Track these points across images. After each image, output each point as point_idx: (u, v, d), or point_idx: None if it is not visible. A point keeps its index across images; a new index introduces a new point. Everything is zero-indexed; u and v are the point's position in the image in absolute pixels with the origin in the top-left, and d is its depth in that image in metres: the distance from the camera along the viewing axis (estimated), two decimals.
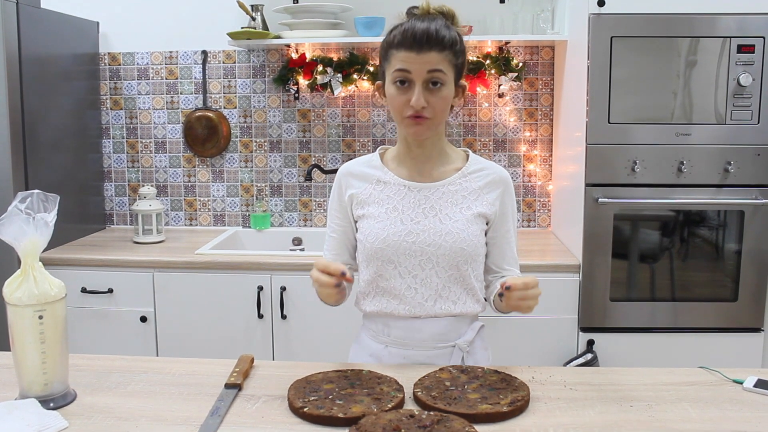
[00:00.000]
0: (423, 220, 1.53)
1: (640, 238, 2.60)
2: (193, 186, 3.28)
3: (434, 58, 1.44)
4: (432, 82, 1.45)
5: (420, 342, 1.56)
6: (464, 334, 1.58)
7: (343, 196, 1.62)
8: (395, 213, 1.54)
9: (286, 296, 2.64)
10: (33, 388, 1.28)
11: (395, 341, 1.57)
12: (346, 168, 1.64)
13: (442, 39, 1.44)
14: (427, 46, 1.43)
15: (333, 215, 1.65)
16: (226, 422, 1.24)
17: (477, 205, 1.55)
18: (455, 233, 1.51)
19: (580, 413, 1.27)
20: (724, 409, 1.29)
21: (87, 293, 2.68)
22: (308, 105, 3.18)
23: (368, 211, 1.57)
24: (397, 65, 1.46)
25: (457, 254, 1.52)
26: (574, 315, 2.58)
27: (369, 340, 1.63)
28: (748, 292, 2.55)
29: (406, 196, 1.56)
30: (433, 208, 1.54)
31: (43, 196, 1.27)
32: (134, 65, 3.21)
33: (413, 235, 1.52)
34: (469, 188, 1.56)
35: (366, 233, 1.56)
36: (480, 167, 1.60)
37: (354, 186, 1.60)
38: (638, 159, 2.48)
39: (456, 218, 1.53)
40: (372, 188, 1.59)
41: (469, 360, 1.58)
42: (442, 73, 1.45)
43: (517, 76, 3.02)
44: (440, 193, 1.56)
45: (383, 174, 1.59)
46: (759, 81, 2.44)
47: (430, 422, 1.17)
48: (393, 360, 1.57)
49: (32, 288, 1.26)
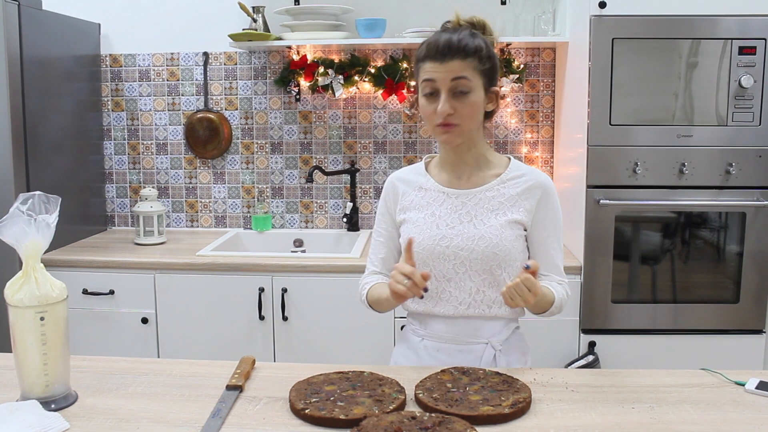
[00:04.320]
0: (458, 225, 1.57)
1: (642, 239, 2.59)
2: (195, 187, 3.28)
3: (457, 66, 1.48)
4: (458, 89, 1.49)
5: (454, 336, 1.60)
6: (498, 333, 1.61)
7: (388, 202, 1.69)
8: (432, 218, 1.60)
9: (288, 298, 2.64)
10: (34, 389, 1.28)
11: (430, 335, 1.62)
12: (395, 175, 1.71)
13: (465, 47, 1.48)
14: (450, 55, 1.48)
15: (380, 220, 1.71)
16: (227, 424, 1.24)
17: (513, 212, 1.57)
18: (488, 238, 1.54)
19: (582, 415, 1.27)
20: (726, 410, 1.29)
21: (88, 295, 2.68)
22: (309, 107, 3.19)
23: (409, 216, 1.63)
24: (424, 76, 1.52)
25: (490, 258, 1.54)
26: (576, 317, 2.58)
27: (409, 335, 1.69)
28: (750, 293, 2.54)
29: (444, 202, 1.61)
30: (468, 214, 1.58)
31: (45, 197, 1.27)
32: (135, 67, 3.22)
33: (447, 239, 1.57)
34: (507, 194, 1.59)
35: (404, 237, 1.61)
36: (520, 173, 1.61)
37: (399, 192, 1.67)
38: (639, 160, 2.48)
39: (490, 223, 1.56)
40: (414, 194, 1.65)
41: (501, 359, 1.60)
42: (466, 80, 1.49)
43: (519, 77, 3.02)
44: (477, 199, 1.59)
45: (425, 181, 1.65)
46: (760, 83, 2.44)
47: (432, 424, 1.17)
48: (427, 353, 1.63)
49: (34, 289, 1.26)
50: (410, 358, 1.66)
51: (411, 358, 1.66)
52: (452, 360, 1.58)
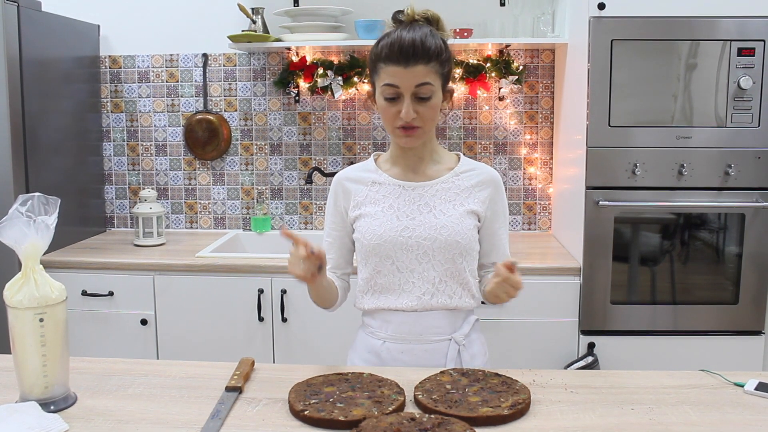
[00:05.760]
0: (418, 216, 1.58)
1: (641, 241, 2.60)
2: (194, 189, 3.28)
3: (421, 71, 1.47)
4: (421, 95, 1.48)
5: (417, 336, 1.59)
6: (460, 328, 1.62)
7: (338, 201, 1.67)
8: (391, 210, 1.59)
9: (287, 299, 2.64)
10: (33, 390, 1.28)
11: (393, 336, 1.60)
12: (342, 174, 1.68)
13: (428, 50, 1.47)
14: (414, 60, 1.46)
15: (329, 220, 1.70)
16: (226, 425, 1.24)
17: (469, 203, 1.60)
18: (450, 227, 1.56)
19: (581, 416, 1.27)
20: (725, 412, 1.29)
21: (87, 296, 2.68)
22: (309, 108, 3.19)
23: (365, 210, 1.62)
24: (386, 79, 1.49)
25: (453, 247, 1.56)
26: (575, 318, 2.58)
27: (367, 338, 1.66)
28: (749, 295, 2.54)
29: (401, 194, 1.61)
30: (427, 205, 1.59)
31: (44, 199, 1.27)
32: (135, 68, 3.22)
33: (409, 230, 1.57)
34: (461, 186, 1.61)
35: (363, 231, 1.60)
36: (471, 167, 1.65)
37: (350, 190, 1.65)
38: (639, 162, 2.48)
39: (450, 213, 1.58)
40: (367, 190, 1.64)
41: (465, 354, 1.61)
42: (429, 85, 1.48)
43: (518, 79, 3.02)
44: (434, 190, 1.61)
45: (378, 176, 1.64)
46: (759, 84, 2.44)
47: (431, 425, 1.17)
48: (390, 355, 1.60)
49: (33, 291, 1.26)
50: (371, 361, 1.63)
51: (372, 361, 1.62)
52: (417, 360, 1.58)
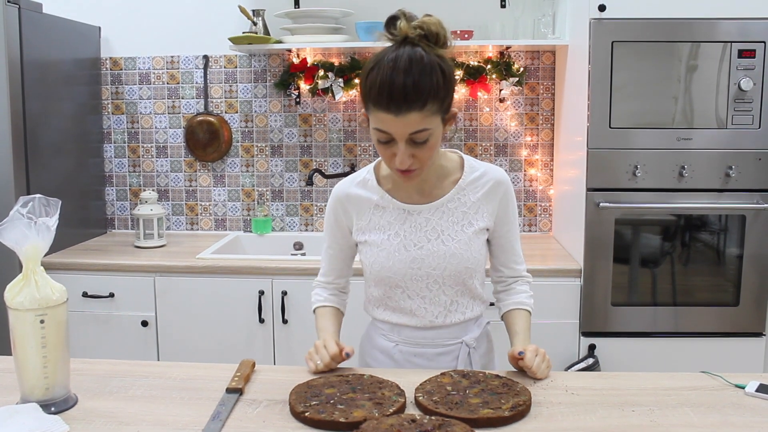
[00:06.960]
0: (426, 245, 1.53)
1: (642, 242, 2.59)
2: (195, 190, 3.29)
3: (415, 119, 1.32)
4: (418, 140, 1.36)
5: (431, 341, 1.59)
6: (471, 331, 1.62)
7: (340, 219, 1.60)
8: (397, 239, 1.54)
9: (288, 301, 2.64)
10: (34, 392, 1.28)
11: (405, 340, 1.60)
12: (342, 191, 1.58)
13: (422, 95, 1.30)
14: (406, 108, 1.30)
15: (330, 234, 1.64)
16: (227, 427, 1.24)
17: (477, 219, 1.55)
18: (459, 254, 1.53)
19: (582, 418, 1.27)
20: (726, 414, 1.29)
21: (88, 297, 2.68)
22: (309, 110, 3.19)
23: (370, 237, 1.56)
24: (377, 124, 1.36)
25: (462, 273, 1.54)
26: (576, 319, 2.58)
27: (379, 338, 1.65)
28: (750, 296, 2.54)
29: (407, 220, 1.54)
30: (434, 230, 1.53)
31: (45, 200, 1.27)
32: (136, 70, 3.22)
33: (418, 261, 1.53)
34: (468, 202, 1.55)
35: (371, 261, 1.56)
36: (476, 175, 1.56)
37: (351, 212, 1.58)
38: (639, 163, 2.48)
39: (458, 238, 1.53)
40: (371, 215, 1.56)
41: (475, 355, 1.61)
42: (426, 131, 1.35)
43: (518, 80, 3.02)
44: (440, 213, 1.54)
45: (381, 199, 1.55)
46: (760, 86, 2.44)
47: (432, 427, 1.17)
48: (402, 357, 1.60)
49: (34, 292, 1.26)
50: (385, 363, 1.62)
51: (386, 363, 1.62)
52: (430, 363, 1.58)
